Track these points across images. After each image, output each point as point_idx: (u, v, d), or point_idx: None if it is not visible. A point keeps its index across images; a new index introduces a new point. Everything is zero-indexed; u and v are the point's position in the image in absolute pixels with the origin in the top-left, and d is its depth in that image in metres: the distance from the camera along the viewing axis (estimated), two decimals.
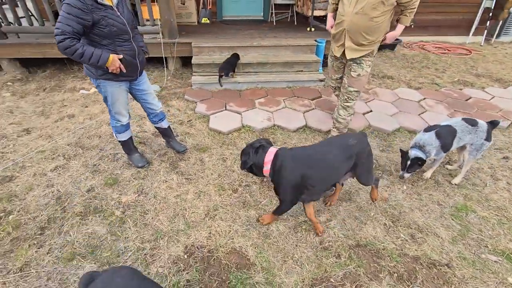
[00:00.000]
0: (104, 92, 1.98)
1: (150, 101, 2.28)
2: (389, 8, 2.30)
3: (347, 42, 2.47)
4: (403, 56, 5.56)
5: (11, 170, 2.35)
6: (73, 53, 1.63)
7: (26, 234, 1.83)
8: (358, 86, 2.65)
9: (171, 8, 3.97)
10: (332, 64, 2.79)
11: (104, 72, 1.85)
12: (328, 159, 1.72)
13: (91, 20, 1.66)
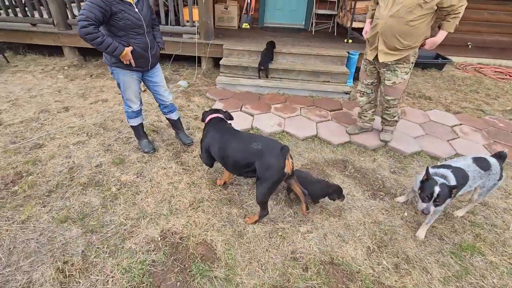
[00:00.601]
0: (117, 78, 2.20)
1: (161, 93, 2.45)
2: (428, 12, 2.19)
3: (380, 46, 2.42)
4: (450, 77, 5.08)
5: (43, 139, 2.72)
6: (93, 40, 1.81)
7: (37, 193, 2.11)
8: (394, 94, 2.58)
9: (209, 11, 4.21)
10: (365, 68, 2.72)
11: (117, 61, 2.06)
12: (232, 146, 1.91)
13: (110, 11, 1.85)
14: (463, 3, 2.15)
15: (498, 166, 1.90)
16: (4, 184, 2.18)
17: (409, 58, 2.42)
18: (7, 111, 3.17)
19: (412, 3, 2.18)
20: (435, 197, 1.65)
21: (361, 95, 2.88)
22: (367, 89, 2.83)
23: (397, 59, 2.41)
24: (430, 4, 2.15)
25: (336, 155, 2.78)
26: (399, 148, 2.86)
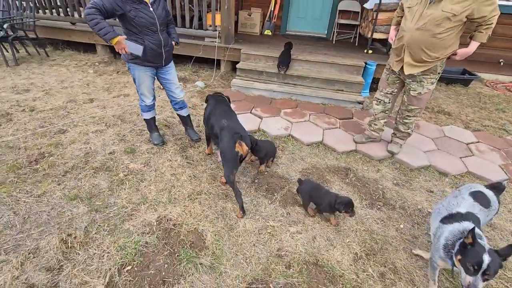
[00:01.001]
0: (133, 74, 2.38)
1: (173, 90, 2.61)
2: (457, 25, 2.11)
3: (406, 58, 2.38)
4: (476, 94, 4.86)
5: (67, 126, 2.99)
6: (90, 20, 1.92)
7: (54, 173, 2.33)
8: (419, 104, 2.55)
9: (231, 17, 4.40)
10: (387, 77, 2.68)
11: (133, 57, 2.24)
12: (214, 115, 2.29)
13: (123, 8, 2.01)
14: (495, 13, 2.04)
15: (496, 202, 1.68)
16: (29, 162, 2.43)
17: (436, 69, 2.36)
18: (40, 99, 3.51)
19: (440, 16, 2.10)
20: (484, 268, 1.25)
21: (378, 103, 2.85)
22: (385, 98, 2.77)
23: (423, 70, 2.35)
24: (459, 16, 2.06)
25: (339, 163, 2.78)
26: (406, 160, 2.80)
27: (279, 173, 2.56)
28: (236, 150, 1.98)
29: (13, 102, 3.38)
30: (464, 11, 2.04)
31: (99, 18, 1.94)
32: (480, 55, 5.44)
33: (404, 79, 2.54)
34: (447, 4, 2.07)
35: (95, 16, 1.92)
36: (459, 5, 2.04)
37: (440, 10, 2.10)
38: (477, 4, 2.01)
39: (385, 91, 2.74)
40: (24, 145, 2.65)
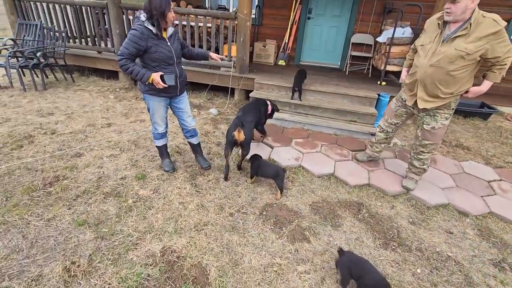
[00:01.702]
0: (147, 103, 2.48)
1: (185, 119, 2.67)
2: (471, 63, 2.11)
3: (419, 93, 2.38)
4: (497, 128, 4.70)
5: (83, 149, 3.09)
6: (126, 70, 2.13)
7: (66, 196, 2.37)
8: (433, 139, 2.50)
9: (246, 49, 4.58)
10: (396, 109, 2.69)
11: (149, 89, 2.33)
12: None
13: (145, 46, 2.14)
14: (509, 54, 2.02)
15: None
16: (44, 184, 2.50)
17: (450, 105, 2.34)
18: (62, 122, 3.68)
19: (454, 55, 2.09)
20: None
21: (381, 131, 2.90)
22: (388, 128, 2.83)
23: (437, 106, 2.33)
24: (473, 55, 2.05)
25: (351, 197, 2.69)
26: (422, 197, 2.68)
27: (288, 206, 2.49)
28: (233, 134, 2.58)
29: (37, 124, 3.56)
30: (478, 51, 2.03)
31: (131, 65, 2.13)
32: (498, 88, 5.34)
33: (417, 112, 2.52)
34: (460, 43, 2.08)
35: (126, 64, 2.12)
36: (473, 44, 2.03)
37: (453, 48, 2.10)
38: (491, 45, 2.00)
39: (390, 121, 2.78)
40: (42, 167, 2.74)
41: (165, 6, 2.09)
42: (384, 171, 3.07)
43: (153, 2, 2.06)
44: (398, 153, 3.50)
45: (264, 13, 6.35)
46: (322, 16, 6.09)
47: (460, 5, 1.99)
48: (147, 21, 2.12)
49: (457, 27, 2.11)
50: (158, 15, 2.09)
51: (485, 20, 2.00)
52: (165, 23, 2.17)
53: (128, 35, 2.11)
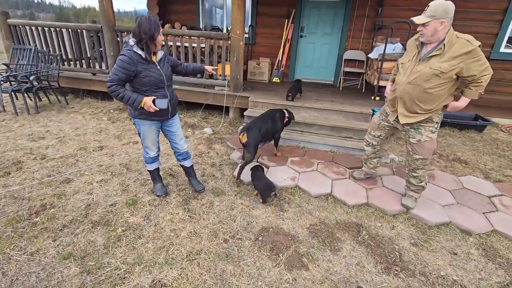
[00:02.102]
0: (138, 128, 2.41)
1: (177, 142, 2.61)
2: (447, 81, 2.17)
3: (399, 109, 2.46)
4: (493, 140, 4.68)
5: (73, 175, 3.00)
6: (116, 96, 2.09)
7: (52, 226, 2.27)
8: (422, 153, 2.49)
9: (240, 67, 4.61)
10: (379, 122, 2.74)
11: (139, 113, 2.29)
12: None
13: (135, 71, 2.09)
14: (486, 73, 2.09)
15: None
16: (29, 214, 2.39)
17: (432, 119, 2.37)
18: (53, 147, 3.61)
19: (429, 73, 2.18)
20: None
21: (367, 145, 2.92)
22: (373, 141, 2.86)
23: (418, 121, 2.39)
24: (448, 74, 2.13)
25: (350, 217, 2.60)
26: (423, 216, 2.60)
27: (284, 230, 2.40)
28: (239, 137, 2.96)
29: (27, 150, 3.49)
30: (452, 69, 2.11)
31: (121, 91, 2.09)
32: (491, 100, 5.40)
33: (401, 127, 2.57)
34: (435, 62, 2.16)
35: (117, 90, 2.08)
36: (447, 63, 2.11)
37: (428, 67, 2.19)
38: (466, 63, 2.07)
39: (373, 133, 2.82)
40: (29, 195, 2.64)
41: (155, 30, 2.06)
42: (382, 189, 3.00)
43: (142, 26, 2.03)
44: (395, 169, 3.44)
45: (257, 32, 6.47)
46: (314, 34, 6.20)
47: (429, 27, 2.11)
48: (135, 46, 2.09)
49: (433, 47, 2.20)
50: (147, 39, 2.06)
51: (458, 40, 2.08)
52: (154, 46, 2.15)
53: (117, 61, 2.07)
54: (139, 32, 2.04)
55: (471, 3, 5.13)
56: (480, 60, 2.06)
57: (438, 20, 2.08)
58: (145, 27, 2.03)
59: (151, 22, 2.04)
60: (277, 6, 6.13)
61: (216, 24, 7.05)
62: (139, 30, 2.04)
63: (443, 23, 2.08)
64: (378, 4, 5.59)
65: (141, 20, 2.04)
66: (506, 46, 5.23)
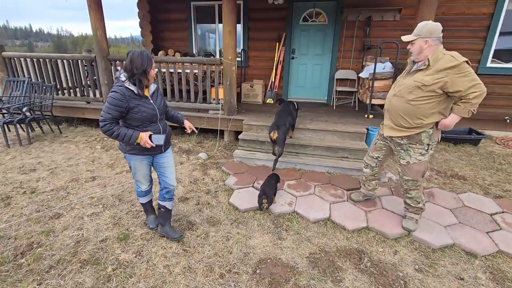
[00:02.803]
0: (129, 162, 2.34)
1: (169, 176, 2.41)
2: (432, 95, 2.20)
3: (385, 121, 2.56)
4: (489, 154, 4.68)
5: (63, 209, 2.90)
6: (111, 134, 2.01)
7: (38, 268, 2.15)
8: (412, 175, 2.49)
9: (233, 91, 4.65)
10: (375, 141, 2.78)
11: (131, 148, 2.20)
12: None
13: (127, 107, 2.03)
14: (474, 90, 2.07)
15: None
16: (14, 255, 2.28)
17: (421, 140, 2.36)
18: (44, 179, 3.53)
19: (411, 85, 2.28)
20: None
21: (366, 166, 2.91)
22: (371, 162, 2.85)
23: (403, 135, 2.41)
24: (431, 87, 2.17)
25: (350, 243, 2.51)
26: (425, 239, 2.51)
27: (283, 260, 2.30)
28: (270, 135, 3.53)
29: (17, 184, 3.40)
30: (435, 83, 2.15)
31: (115, 129, 2.02)
32: (484, 114, 5.45)
33: (394, 147, 2.58)
34: (419, 76, 2.26)
35: (111, 129, 2.01)
36: (430, 77, 2.17)
37: (412, 80, 2.29)
38: (451, 78, 2.09)
39: (371, 154, 2.82)
40: (15, 233, 2.53)
41: (147, 64, 2.02)
42: (381, 210, 2.94)
43: (134, 61, 1.99)
44: (394, 189, 3.39)
45: (250, 56, 6.60)
46: (305, 55, 6.34)
47: (415, 46, 2.24)
48: (127, 81, 2.03)
49: (421, 64, 2.30)
50: (139, 74, 2.01)
51: (444, 56, 2.15)
52: (147, 81, 2.09)
53: (109, 98, 2.00)
54: (131, 67, 1.99)
55: (457, 22, 5.32)
56: (467, 76, 2.06)
57: (422, 39, 2.20)
58: (137, 62, 1.99)
59: (143, 57, 2.01)
60: (267, 31, 6.31)
61: (209, 48, 7.21)
62: (131, 65, 1.99)
63: (427, 42, 2.19)
64: (366, 25, 5.77)
65: (133, 55, 2.01)
66: (492, 61, 5.37)
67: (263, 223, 2.75)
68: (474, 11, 5.25)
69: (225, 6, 4.22)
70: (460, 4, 5.28)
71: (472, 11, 5.26)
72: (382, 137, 2.68)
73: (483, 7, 5.21)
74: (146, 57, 2.02)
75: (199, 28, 7.05)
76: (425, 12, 3.82)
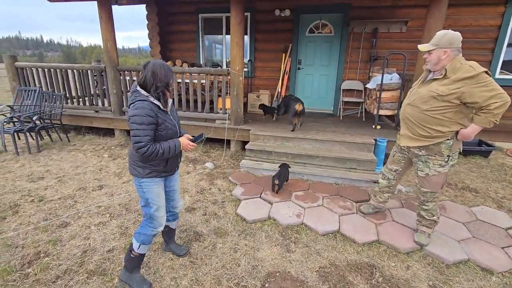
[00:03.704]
0: (147, 192, 1.91)
1: (175, 199, 2.22)
2: (448, 105, 2.14)
3: (402, 131, 2.51)
4: (500, 166, 4.59)
5: (71, 218, 2.90)
6: (157, 155, 1.76)
7: (45, 278, 2.12)
8: (430, 187, 2.42)
9: (240, 101, 4.67)
10: (394, 154, 2.72)
11: (151, 170, 1.88)
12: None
13: (156, 123, 1.77)
14: (495, 100, 1.97)
15: None
16: (22, 264, 2.26)
17: (441, 151, 2.29)
18: (52, 187, 3.54)
19: (426, 95, 2.23)
20: None
21: (383, 177, 2.85)
22: (389, 174, 2.79)
23: (421, 145, 2.35)
24: (447, 97, 2.11)
25: (361, 257, 2.45)
26: (439, 254, 2.44)
27: (292, 274, 2.24)
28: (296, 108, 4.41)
29: (25, 191, 3.41)
30: (451, 94, 2.10)
31: (158, 147, 1.77)
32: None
33: (411, 157, 2.53)
34: (434, 85, 2.21)
35: (155, 150, 1.75)
36: (446, 87, 2.12)
37: (427, 89, 2.24)
38: (469, 89, 2.03)
39: (390, 167, 2.76)
40: (23, 242, 2.52)
41: (170, 76, 1.82)
42: (392, 223, 2.87)
43: (157, 73, 1.76)
44: (404, 201, 3.32)
45: (256, 66, 6.67)
46: (311, 66, 6.39)
47: (433, 55, 2.19)
48: (151, 96, 1.77)
49: (437, 73, 2.25)
50: (163, 87, 1.79)
51: (462, 66, 2.10)
52: (168, 94, 1.88)
53: (136, 118, 1.69)
54: (154, 80, 1.76)
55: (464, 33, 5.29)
56: (486, 87, 1.99)
57: (441, 49, 2.14)
58: (161, 74, 1.77)
59: (165, 68, 1.80)
60: (274, 42, 6.39)
61: (216, 58, 7.30)
62: (154, 77, 1.76)
63: (446, 52, 2.13)
64: (372, 36, 5.81)
65: (154, 67, 1.78)
66: (500, 72, 5.34)
67: (271, 234, 2.71)
68: (481, 23, 5.27)
69: (233, 19, 4.30)
70: (467, 16, 5.30)
71: (479, 23, 5.28)
72: (400, 148, 2.61)
73: (490, 19, 5.22)
74: (168, 69, 1.82)
75: (207, 39, 7.18)
76: (432, 24, 3.83)
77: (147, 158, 1.78)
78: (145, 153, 1.73)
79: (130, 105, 1.79)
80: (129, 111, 1.77)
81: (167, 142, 1.82)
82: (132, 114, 1.71)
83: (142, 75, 1.80)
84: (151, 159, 1.80)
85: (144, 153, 1.73)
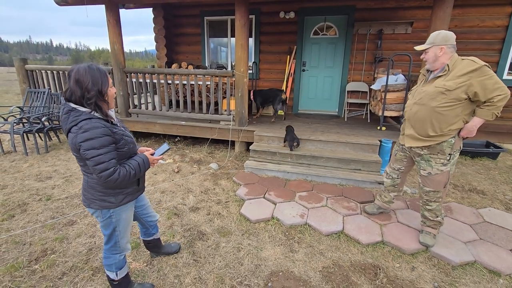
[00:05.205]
0: (115, 222, 1.66)
1: (151, 213, 2.11)
2: (455, 101, 2.13)
3: (407, 131, 2.48)
4: (508, 168, 4.52)
5: (77, 216, 2.94)
6: (129, 178, 1.51)
7: (51, 275, 2.16)
8: (433, 186, 2.40)
9: (244, 102, 4.70)
10: (396, 153, 2.73)
11: (126, 194, 1.65)
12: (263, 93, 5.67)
13: (115, 141, 1.50)
14: (499, 93, 2.00)
15: None
16: (29, 261, 2.30)
17: (443, 150, 2.29)
18: (59, 187, 3.60)
19: (433, 91, 2.22)
20: None
21: (387, 177, 2.83)
22: (393, 173, 2.77)
23: (423, 145, 2.35)
24: (455, 92, 2.10)
25: (365, 258, 2.43)
26: (444, 255, 2.41)
27: (295, 274, 2.24)
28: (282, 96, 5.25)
29: (33, 190, 3.48)
30: (459, 87, 2.09)
31: (127, 168, 1.52)
32: (502, 126, 5.30)
33: (413, 157, 2.52)
34: (439, 82, 2.21)
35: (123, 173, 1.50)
36: (452, 82, 2.12)
37: (433, 86, 2.24)
38: (478, 81, 2.03)
39: (393, 166, 2.76)
40: (30, 239, 2.57)
41: (103, 81, 1.45)
42: (397, 224, 2.84)
43: (83, 80, 1.39)
44: (409, 202, 3.29)
45: (261, 68, 6.70)
46: (316, 68, 6.39)
47: (429, 53, 2.23)
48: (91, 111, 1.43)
49: (439, 71, 2.27)
50: (95, 97, 1.42)
51: (463, 62, 2.13)
52: (106, 105, 1.51)
53: (94, 142, 1.38)
54: (80, 90, 1.39)
55: (470, 34, 5.28)
56: (491, 79, 2.01)
57: (437, 47, 2.19)
58: (87, 81, 1.39)
59: (93, 73, 1.41)
60: (278, 44, 6.42)
61: (221, 61, 7.36)
62: (79, 86, 1.39)
63: (442, 49, 2.17)
64: (377, 38, 5.80)
65: (78, 73, 1.39)
66: (508, 73, 5.27)
67: (275, 234, 2.71)
68: (488, 23, 5.22)
69: (238, 21, 4.34)
70: (473, 17, 5.26)
71: (486, 24, 5.23)
72: (402, 148, 2.63)
73: (497, 20, 5.17)
74: (97, 72, 1.44)
75: (212, 42, 7.25)
76: (438, 25, 3.81)
77: (118, 184, 1.50)
78: (117, 179, 1.45)
79: (70, 129, 1.41)
80: (74, 137, 1.38)
81: (133, 160, 1.58)
82: (83, 139, 1.37)
83: (67, 87, 1.43)
84: (126, 182, 1.53)
85: (116, 180, 1.45)
